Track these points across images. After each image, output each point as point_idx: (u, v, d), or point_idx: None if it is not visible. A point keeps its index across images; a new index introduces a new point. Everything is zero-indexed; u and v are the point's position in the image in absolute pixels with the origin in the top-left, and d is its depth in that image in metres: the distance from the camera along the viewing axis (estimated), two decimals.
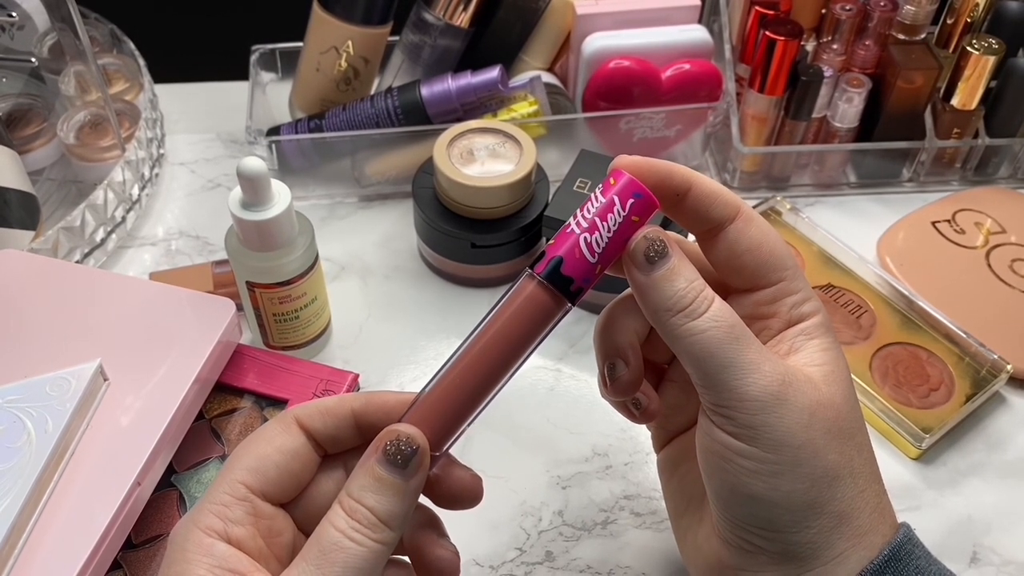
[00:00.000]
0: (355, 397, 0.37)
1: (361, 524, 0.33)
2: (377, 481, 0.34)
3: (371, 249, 0.65)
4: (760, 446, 0.35)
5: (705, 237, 0.38)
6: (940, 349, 0.58)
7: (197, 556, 0.33)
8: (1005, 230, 0.65)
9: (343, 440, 0.37)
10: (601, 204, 0.35)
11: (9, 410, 0.46)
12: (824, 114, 0.69)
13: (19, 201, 0.60)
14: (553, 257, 0.34)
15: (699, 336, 0.34)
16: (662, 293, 0.35)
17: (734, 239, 0.37)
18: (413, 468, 0.34)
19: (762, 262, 0.37)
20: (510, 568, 0.49)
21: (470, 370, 0.35)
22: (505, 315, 0.35)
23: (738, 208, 0.37)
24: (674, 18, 0.67)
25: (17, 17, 0.70)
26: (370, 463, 0.34)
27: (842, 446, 0.36)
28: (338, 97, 0.68)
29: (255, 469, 0.35)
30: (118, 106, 0.68)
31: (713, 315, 0.35)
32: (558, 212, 0.58)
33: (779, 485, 0.35)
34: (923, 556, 0.37)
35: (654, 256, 0.35)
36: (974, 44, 0.65)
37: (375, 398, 0.36)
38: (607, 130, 0.68)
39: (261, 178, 0.48)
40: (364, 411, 0.36)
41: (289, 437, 0.36)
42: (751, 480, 0.35)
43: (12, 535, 0.42)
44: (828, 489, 0.35)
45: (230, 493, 0.34)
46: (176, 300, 0.52)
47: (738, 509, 0.36)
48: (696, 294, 0.35)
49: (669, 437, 0.43)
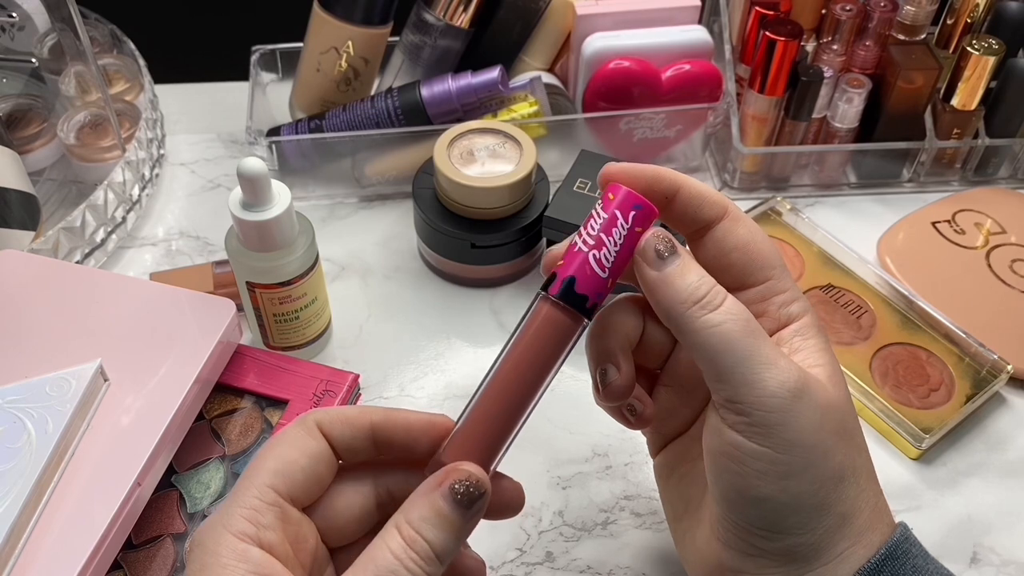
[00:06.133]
0: (375, 410, 0.37)
1: (419, 556, 0.33)
2: (438, 516, 0.33)
3: (371, 249, 0.65)
4: (772, 446, 0.34)
5: (694, 238, 0.38)
6: (940, 349, 0.58)
7: (232, 561, 0.32)
8: (1005, 230, 0.65)
9: (358, 451, 0.37)
10: (604, 220, 0.35)
11: (9, 411, 0.46)
12: (824, 114, 0.69)
13: (19, 201, 0.60)
14: (566, 278, 0.35)
15: (717, 328, 0.34)
16: (676, 287, 0.35)
17: (722, 237, 0.37)
18: (475, 511, 0.34)
19: (750, 260, 0.37)
20: (510, 568, 0.49)
21: (503, 395, 0.36)
22: (527, 338, 0.36)
23: (725, 208, 0.37)
24: (674, 18, 0.67)
25: (17, 18, 0.70)
26: (435, 496, 0.33)
27: (847, 447, 0.36)
28: (338, 97, 0.68)
29: (283, 473, 0.34)
30: (118, 106, 0.68)
31: (729, 308, 0.35)
32: (558, 212, 0.58)
33: (789, 487, 0.35)
34: (920, 555, 0.37)
35: (665, 253, 0.35)
36: (974, 44, 0.65)
37: (396, 415, 0.36)
38: (607, 130, 0.68)
39: (261, 178, 0.48)
40: (384, 426, 0.36)
41: (313, 441, 0.35)
42: (761, 482, 0.35)
43: (12, 535, 0.42)
44: (835, 491, 0.35)
45: (260, 498, 0.34)
46: (176, 300, 0.52)
47: (745, 511, 0.36)
48: (710, 287, 0.35)
49: (665, 442, 0.44)
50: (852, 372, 0.56)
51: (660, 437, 0.44)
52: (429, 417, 0.36)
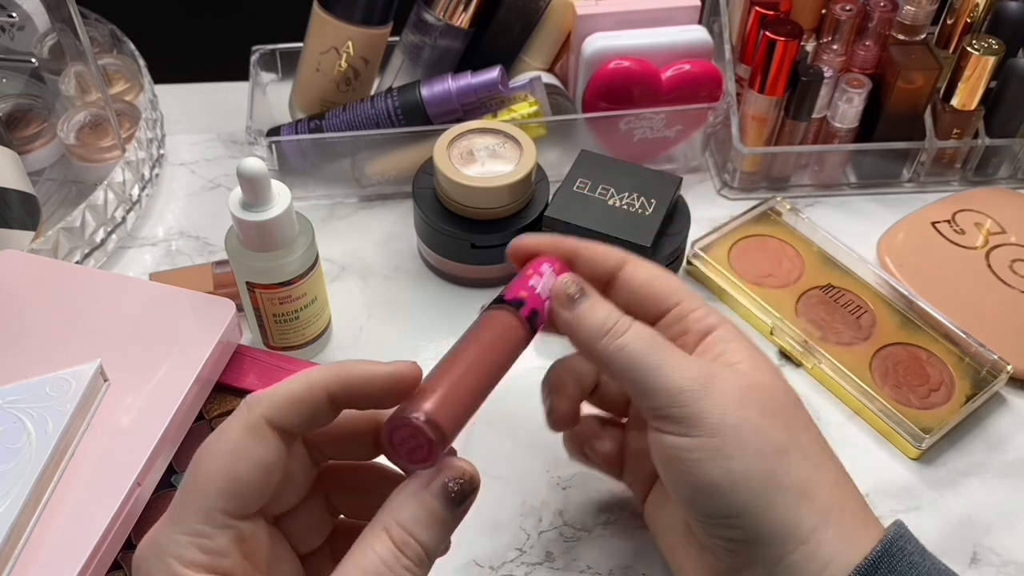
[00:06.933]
0: (326, 379, 0.33)
1: (411, 561, 0.32)
2: (431, 515, 0.32)
3: (371, 249, 0.65)
4: (702, 433, 0.37)
5: (605, 288, 0.42)
6: (940, 349, 0.58)
7: None
8: (1005, 230, 0.65)
9: (319, 425, 0.34)
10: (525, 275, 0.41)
11: (9, 411, 0.46)
12: (824, 114, 0.69)
13: (19, 201, 0.60)
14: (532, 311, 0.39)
15: (626, 349, 0.38)
16: (588, 323, 0.39)
17: (628, 279, 0.41)
18: (467, 506, 0.34)
19: (656, 291, 0.41)
20: (510, 568, 0.49)
21: (481, 363, 0.37)
22: (488, 331, 0.38)
23: (624, 257, 0.42)
24: (674, 18, 0.67)
25: (17, 18, 0.70)
26: (426, 496, 0.33)
27: (784, 423, 0.38)
28: (338, 97, 0.68)
29: (233, 495, 0.32)
30: (118, 106, 0.68)
31: (635, 330, 0.39)
32: (558, 212, 0.58)
33: (732, 467, 0.36)
34: (917, 551, 0.38)
35: (576, 295, 0.39)
36: (974, 44, 0.65)
37: (353, 377, 0.34)
38: (607, 130, 0.68)
39: (261, 178, 0.48)
40: (343, 392, 0.34)
41: (264, 448, 0.33)
42: (706, 469, 0.37)
43: (12, 535, 0.42)
44: (780, 463, 0.37)
45: (208, 523, 0.32)
46: (176, 300, 0.52)
47: (705, 504, 0.38)
48: (617, 318, 0.39)
49: (647, 486, 0.46)
50: (852, 372, 0.56)
51: (641, 483, 0.46)
52: (392, 369, 0.34)
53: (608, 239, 0.56)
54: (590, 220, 0.57)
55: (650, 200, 0.58)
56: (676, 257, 0.59)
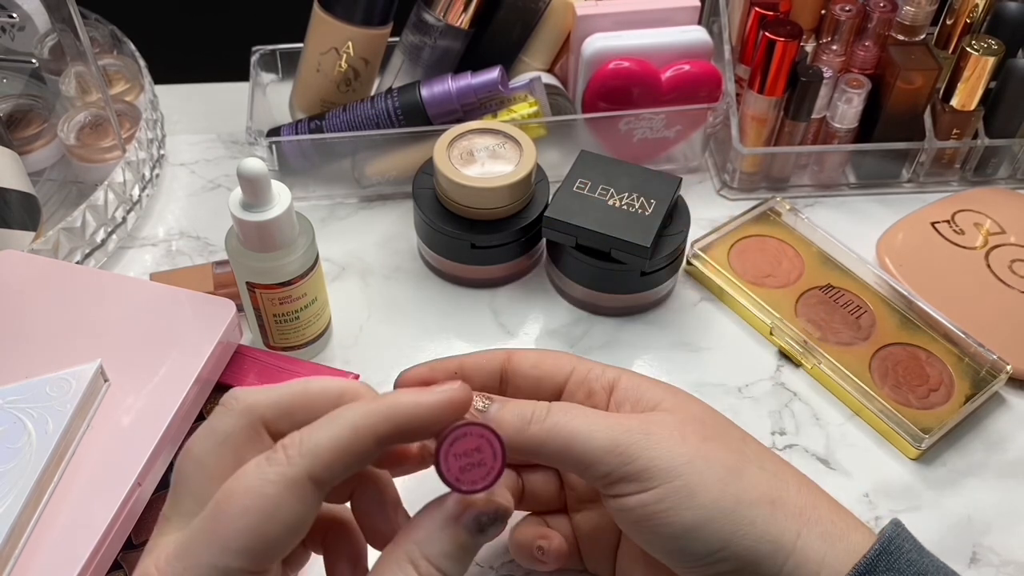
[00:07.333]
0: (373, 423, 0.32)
1: None
2: (461, 550, 0.32)
3: (371, 250, 0.66)
4: (660, 480, 0.37)
5: (502, 387, 0.42)
6: (939, 349, 0.58)
7: None
8: (1004, 231, 0.65)
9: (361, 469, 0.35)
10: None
11: (9, 411, 0.46)
12: (824, 115, 0.69)
13: (20, 202, 0.60)
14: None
15: (556, 427, 0.37)
16: (509, 420, 0.38)
17: (517, 369, 0.42)
18: (492, 532, 0.34)
19: (547, 369, 0.42)
20: (510, 568, 0.49)
21: None
22: None
23: (505, 353, 0.42)
24: (674, 19, 0.67)
25: (18, 18, 0.70)
26: (458, 531, 0.32)
27: (725, 443, 0.39)
28: (338, 98, 0.68)
29: (259, 555, 0.30)
30: (119, 107, 0.68)
31: (556, 407, 0.38)
32: (558, 213, 0.58)
33: (701, 503, 0.36)
34: (914, 549, 0.38)
35: (480, 405, 0.39)
36: (973, 45, 0.65)
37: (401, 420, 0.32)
38: (607, 131, 0.68)
39: (261, 179, 0.48)
40: (393, 436, 0.33)
41: (302, 507, 0.30)
42: (678, 515, 0.36)
43: (13, 535, 0.42)
44: (739, 481, 0.37)
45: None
46: (176, 301, 0.52)
47: (689, 548, 0.37)
48: (533, 407, 0.38)
49: (610, 560, 0.45)
50: (851, 372, 0.56)
51: (603, 560, 0.45)
52: (442, 397, 0.33)
53: (608, 239, 0.56)
54: (590, 220, 0.57)
55: (650, 200, 0.58)
56: (676, 257, 0.60)
